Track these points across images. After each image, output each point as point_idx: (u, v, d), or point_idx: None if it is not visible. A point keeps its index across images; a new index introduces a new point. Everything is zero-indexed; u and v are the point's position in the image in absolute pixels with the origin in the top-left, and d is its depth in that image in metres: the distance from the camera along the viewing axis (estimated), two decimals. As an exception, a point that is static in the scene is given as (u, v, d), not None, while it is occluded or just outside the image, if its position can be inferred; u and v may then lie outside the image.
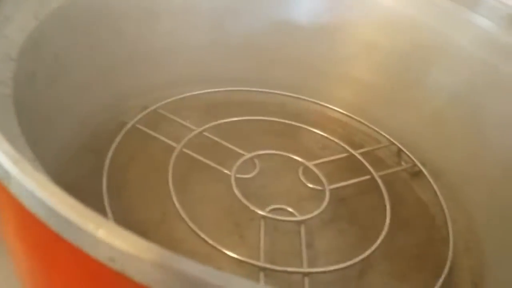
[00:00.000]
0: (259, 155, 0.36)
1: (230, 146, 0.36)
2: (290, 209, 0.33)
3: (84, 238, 0.15)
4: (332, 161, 0.38)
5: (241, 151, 0.36)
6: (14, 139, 0.20)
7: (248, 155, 0.35)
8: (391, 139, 0.40)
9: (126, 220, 0.30)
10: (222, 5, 0.39)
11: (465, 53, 0.37)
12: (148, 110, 0.37)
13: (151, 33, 0.37)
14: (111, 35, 0.35)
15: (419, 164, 0.38)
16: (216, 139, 0.36)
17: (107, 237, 0.15)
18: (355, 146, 0.40)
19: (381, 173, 0.37)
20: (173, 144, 0.35)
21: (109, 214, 0.29)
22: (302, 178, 0.35)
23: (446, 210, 0.35)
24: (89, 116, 0.35)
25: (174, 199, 0.31)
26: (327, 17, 0.40)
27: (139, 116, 0.36)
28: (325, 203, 0.33)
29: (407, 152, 0.39)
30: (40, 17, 0.28)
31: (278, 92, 0.42)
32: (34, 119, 0.26)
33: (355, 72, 0.41)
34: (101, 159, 0.33)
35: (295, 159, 0.37)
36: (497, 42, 0.35)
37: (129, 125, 0.35)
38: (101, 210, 0.28)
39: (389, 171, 0.38)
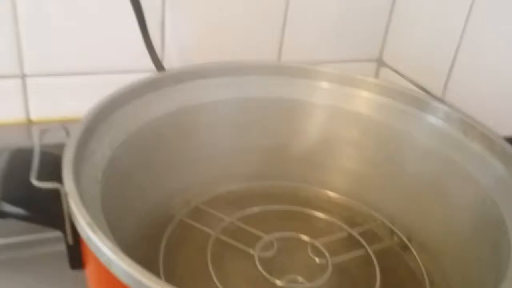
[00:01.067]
0: (276, 237, 0.46)
1: (253, 231, 0.46)
2: (301, 279, 0.43)
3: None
4: (335, 239, 0.47)
5: (262, 234, 0.46)
6: (107, 234, 0.31)
7: (267, 238, 0.46)
8: (383, 219, 0.50)
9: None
10: (241, 121, 0.51)
11: (428, 148, 0.47)
12: (191, 205, 0.48)
13: (188, 145, 0.49)
14: (160, 150, 0.46)
15: (404, 239, 0.48)
16: (242, 225, 0.47)
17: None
18: (355, 225, 0.49)
19: (375, 247, 0.46)
20: (211, 232, 0.46)
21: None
22: (311, 254, 0.45)
23: (424, 274, 0.44)
24: (146, 212, 0.46)
25: (213, 275, 0.41)
26: (326, 127, 0.52)
27: (184, 210, 0.48)
28: (328, 273, 0.43)
29: (395, 230, 0.49)
30: (113, 147, 0.40)
31: (291, 184, 0.53)
32: (112, 219, 0.37)
33: (350, 165, 0.52)
34: (157, 246, 0.44)
35: (305, 239, 0.47)
36: (453, 140, 0.46)
37: (176, 218, 0.47)
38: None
39: (382, 245, 0.47)
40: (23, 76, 0.52)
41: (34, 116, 0.55)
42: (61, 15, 0.51)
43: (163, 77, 0.47)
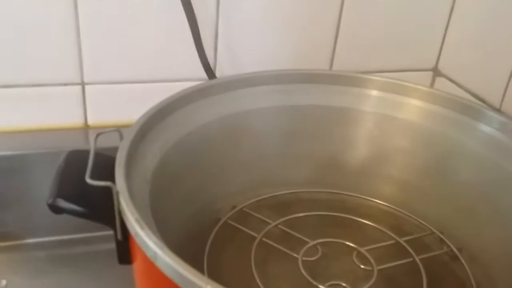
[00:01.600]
0: (321, 243, 0.46)
1: (298, 235, 0.47)
2: (345, 285, 0.43)
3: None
4: (381, 247, 0.47)
5: (306, 239, 0.46)
6: (154, 231, 0.32)
7: (312, 243, 0.46)
8: (432, 229, 0.49)
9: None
10: (290, 128, 0.52)
11: (481, 157, 0.46)
12: (236, 209, 0.49)
13: (236, 150, 0.50)
14: (208, 155, 0.48)
15: (454, 249, 0.46)
16: (287, 230, 0.47)
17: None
18: (404, 234, 0.49)
19: (423, 256, 0.46)
20: (255, 234, 0.46)
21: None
22: (356, 261, 0.45)
23: (474, 285, 0.42)
24: (193, 214, 0.47)
25: (256, 277, 0.42)
26: (376, 136, 0.52)
27: (230, 213, 0.49)
28: (373, 281, 0.42)
29: (445, 240, 0.48)
30: (163, 150, 0.42)
31: (338, 191, 0.53)
32: (160, 218, 0.38)
33: (400, 174, 0.51)
34: (202, 246, 0.45)
35: (351, 246, 0.46)
36: (508, 150, 0.44)
37: (222, 221, 0.48)
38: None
39: (430, 254, 0.46)
40: (83, 84, 0.55)
41: (91, 121, 0.58)
42: (118, 26, 0.54)
43: (213, 85, 0.48)
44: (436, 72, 0.69)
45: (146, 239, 0.29)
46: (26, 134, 0.56)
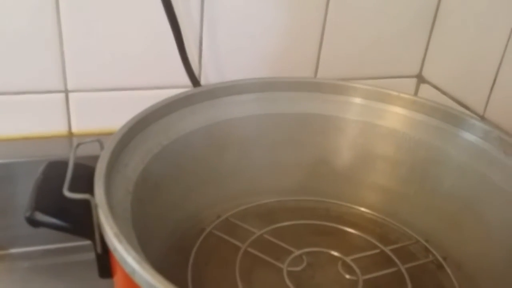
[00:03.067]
0: (306, 252, 0.46)
1: (283, 245, 0.46)
2: (329, 296, 0.42)
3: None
4: (366, 256, 0.47)
5: (292, 249, 0.46)
6: (133, 245, 0.32)
7: (297, 252, 0.46)
8: (417, 237, 0.49)
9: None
10: (274, 136, 0.51)
11: (466, 165, 0.46)
12: (221, 218, 0.49)
13: (221, 159, 0.50)
14: (192, 164, 0.47)
15: (439, 258, 0.46)
16: (272, 239, 0.47)
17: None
18: (389, 243, 0.48)
19: (408, 265, 0.45)
20: (240, 244, 0.46)
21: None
22: (341, 270, 0.45)
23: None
24: (176, 224, 0.47)
25: (240, 287, 0.41)
26: (359, 144, 0.52)
27: (214, 223, 0.48)
28: (358, 291, 0.42)
29: (430, 248, 0.48)
30: (145, 161, 0.41)
31: (322, 199, 0.53)
32: (142, 230, 0.38)
33: (384, 182, 0.51)
34: (186, 257, 0.44)
35: (335, 255, 0.46)
36: (491, 158, 0.45)
37: (206, 231, 0.47)
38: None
39: (415, 263, 0.46)
40: (66, 91, 0.55)
41: (75, 128, 0.57)
42: (100, 33, 0.53)
43: (197, 93, 0.48)
44: (420, 78, 0.69)
45: (124, 254, 0.29)
46: (9, 142, 0.55)
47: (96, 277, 0.36)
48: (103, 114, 0.57)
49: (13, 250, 0.55)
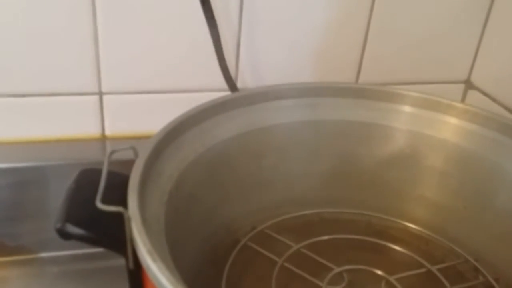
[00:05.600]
0: (347, 270, 0.43)
1: (322, 261, 0.44)
2: (372, 318, 0.40)
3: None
4: (412, 275, 0.44)
5: (331, 265, 0.43)
6: (167, 263, 0.30)
7: (337, 269, 0.43)
8: (467, 256, 0.45)
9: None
10: (314, 144, 0.49)
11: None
12: (256, 229, 0.47)
13: (257, 168, 0.48)
14: (227, 173, 0.45)
15: (491, 279, 0.43)
16: (311, 254, 0.45)
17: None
18: (436, 261, 0.45)
19: (457, 286, 0.42)
20: (276, 258, 0.44)
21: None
22: (384, 291, 0.42)
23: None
24: (210, 235, 0.45)
25: (276, 305, 0.39)
26: (406, 154, 0.49)
27: (249, 235, 0.46)
28: (403, 314, 0.39)
29: (480, 268, 0.44)
30: (180, 168, 0.39)
31: (364, 212, 0.50)
32: (176, 241, 0.36)
33: (432, 195, 0.48)
34: (220, 270, 0.42)
35: (378, 274, 0.43)
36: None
37: (241, 243, 0.45)
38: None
39: (465, 285, 0.43)
40: (100, 93, 0.54)
41: (108, 131, 0.56)
42: (138, 35, 0.52)
43: (234, 98, 0.46)
44: (468, 84, 0.65)
45: (158, 274, 0.27)
46: (42, 145, 0.55)
47: (124, 283, 0.35)
48: (137, 117, 0.56)
49: (43, 254, 0.54)
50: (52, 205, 0.52)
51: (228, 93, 0.52)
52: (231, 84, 0.53)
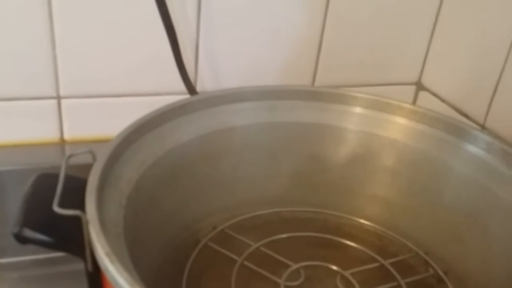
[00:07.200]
0: (304, 266, 0.45)
1: (280, 258, 0.45)
2: (328, 312, 0.41)
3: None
4: (366, 270, 0.45)
5: (289, 262, 0.45)
6: (126, 265, 0.30)
7: (295, 266, 0.44)
8: (418, 250, 0.48)
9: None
10: (271, 145, 0.50)
11: (467, 178, 0.45)
12: (217, 230, 0.48)
13: (217, 169, 0.49)
14: (187, 176, 0.46)
15: (440, 272, 0.45)
16: (269, 252, 0.46)
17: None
18: (389, 256, 0.47)
19: (408, 279, 0.44)
20: (236, 257, 0.45)
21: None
22: (340, 285, 0.43)
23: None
24: (171, 235, 0.45)
25: (236, 303, 0.40)
26: (358, 154, 0.50)
27: (210, 235, 0.47)
28: (357, 307, 0.41)
29: (431, 262, 0.47)
30: (139, 171, 0.40)
31: (321, 210, 0.51)
32: (135, 242, 0.37)
33: (383, 193, 0.50)
34: (180, 270, 0.43)
35: (334, 269, 0.45)
36: (494, 171, 0.44)
37: (202, 243, 0.46)
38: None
39: (416, 277, 0.45)
40: (58, 98, 0.53)
41: (67, 136, 0.56)
42: (95, 38, 0.52)
43: (193, 101, 0.46)
44: (419, 86, 0.68)
45: (116, 276, 0.28)
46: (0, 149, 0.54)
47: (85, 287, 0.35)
48: (96, 121, 0.56)
49: (2, 260, 0.54)
50: (10, 210, 0.51)
51: (188, 96, 0.53)
52: (190, 88, 0.54)
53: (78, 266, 0.53)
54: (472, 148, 0.46)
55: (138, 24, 0.53)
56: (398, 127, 0.49)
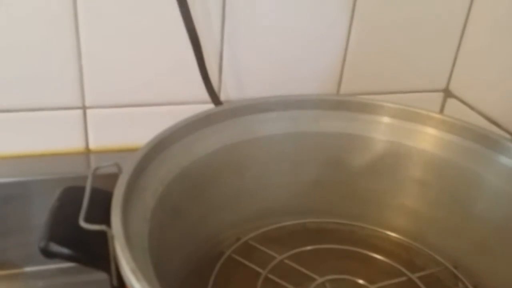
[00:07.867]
0: (329, 279, 0.44)
1: (305, 271, 0.45)
2: (354, 327, 0.40)
3: None
4: (393, 284, 0.44)
5: (314, 276, 0.44)
6: (151, 281, 0.30)
7: (320, 280, 0.44)
8: (446, 264, 0.47)
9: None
10: (296, 156, 0.50)
11: (499, 190, 0.44)
12: (241, 241, 0.47)
13: (241, 180, 0.48)
14: (212, 185, 0.46)
15: (470, 286, 0.44)
16: (294, 265, 0.45)
17: None
18: (416, 269, 0.46)
19: (437, 294, 0.43)
20: (260, 270, 0.44)
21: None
22: (366, 300, 0.43)
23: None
24: (195, 247, 0.45)
25: (260, 317, 0.40)
26: (386, 164, 0.50)
27: (234, 246, 0.47)
28: (384, 322, 0.40)
29: (460, 276, 0.45)
30: (164, 183, 0.40)
31: (346, 221, 0.51)
32: (160, 256, 0.37)
33: (412, 204, 0.49)
34: (204, 283, 0.43)
35: (360, 283, 0.44)
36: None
37: (226, 255, 0.46)
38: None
39: (445, 292, 0.44)
40: (84, 108, 0.54)
41: (92, 145, 0.56)
42: (120, 49, 0.52)
43: (218, 112, 0.46)
44: (447, 93, 0.66)
45: (142, 292, 0.27)
46: (26, 159, 0.54)
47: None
48: (121, 131, 0.56)
49: (27, 269, 0.54)
50: (36, 219, 0.52)
51: (212, 105, 0.53)
52: (214, 97, 0.54)
53: (103, 275, 0.53)
54: (504, 159, 0.44)
55: (163, 34, 0.53)
56: (426, 137, 0.48)
